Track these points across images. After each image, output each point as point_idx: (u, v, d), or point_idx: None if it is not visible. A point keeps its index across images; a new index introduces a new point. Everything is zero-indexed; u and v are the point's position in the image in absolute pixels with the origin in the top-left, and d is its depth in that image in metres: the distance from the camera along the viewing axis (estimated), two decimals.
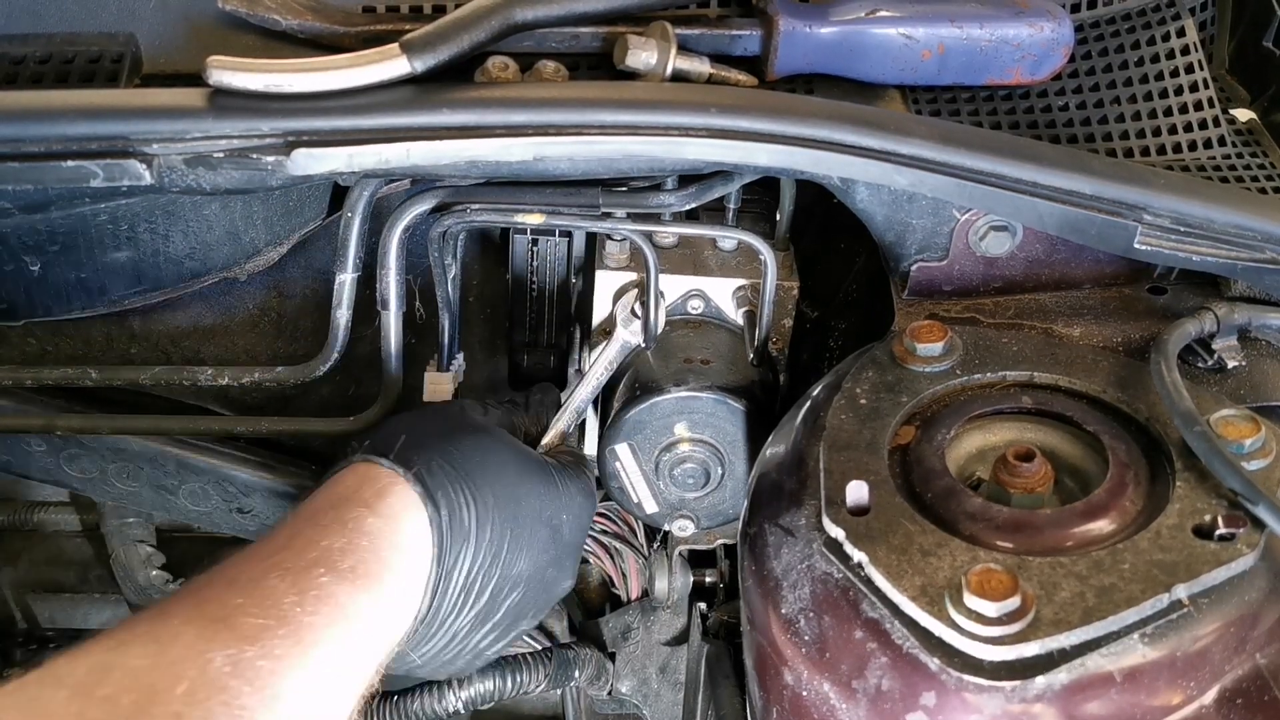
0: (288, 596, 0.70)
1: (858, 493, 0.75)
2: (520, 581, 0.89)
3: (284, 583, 0.71)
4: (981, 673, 0.65)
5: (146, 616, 0.68)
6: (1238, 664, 0.68)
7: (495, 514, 0.87)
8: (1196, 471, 0.75)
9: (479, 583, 0.86)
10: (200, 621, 0.67)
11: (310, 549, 0.75)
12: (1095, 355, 0.88)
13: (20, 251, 0.97)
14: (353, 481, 0.83)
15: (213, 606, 0.68)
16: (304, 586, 0.71)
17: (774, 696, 0.78)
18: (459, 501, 0.84)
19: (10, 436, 1.15)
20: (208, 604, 0.69)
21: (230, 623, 0.67)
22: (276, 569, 0.72)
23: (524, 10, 0.88)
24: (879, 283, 1.07)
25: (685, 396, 1.02)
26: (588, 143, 0.83)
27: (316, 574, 0.72)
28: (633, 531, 1.40)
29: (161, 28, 0.95)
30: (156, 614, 0.68)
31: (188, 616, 0.67)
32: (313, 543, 0.75)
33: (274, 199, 1.00)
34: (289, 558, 0.73)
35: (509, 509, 0.88)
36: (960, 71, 0.99)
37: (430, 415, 0.96)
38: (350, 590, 0.73)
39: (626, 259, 1.09)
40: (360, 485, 0.82)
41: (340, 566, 0.74)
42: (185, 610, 0.68)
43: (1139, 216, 0.85)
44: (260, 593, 0.70)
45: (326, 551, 0.75)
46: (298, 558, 0.74)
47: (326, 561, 0.74)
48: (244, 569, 0.73)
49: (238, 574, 0.72)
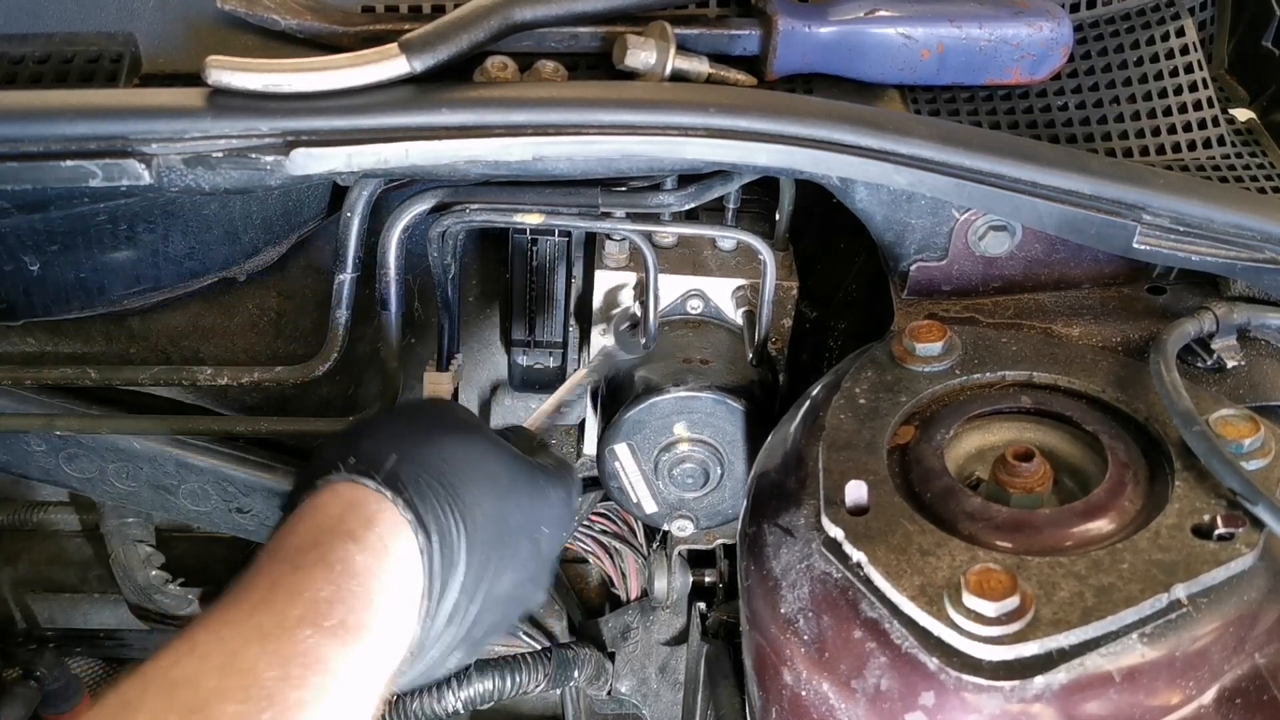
0: (270, 670, 0.63)
1: (857, 492, 0.75)
2: (501, 601, 0.85)
3: (265, 652, 0.64)
4: (980, 672, 0.65)
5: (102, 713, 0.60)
6: (1237, 664, 0.68)
7: (483, 533, 0.81)
8: (1195, 471, 0.75)
9: (464, 608, 0.81)
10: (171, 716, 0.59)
11: (293, 604, 0.67)
12: (1094, 355, 0.88)
13: (20, 251, 0.97)
14: (336, 509, 0.75)
15: (185, 693, 0.61)
16: (288, 655, 0.64)
17: (773, 696, 0.78)
18: (449, 524, 0.78)
19: (10, 436, 1.14)
20: (179, 689, 0.61)
21: (206, 713, 0.60)
22: (256, 636, 0.65)
23: (523, 10, 0.88)
24: (878, 283, 1.07)
25: (685, 396, 1.02)
26: (587, 142, 0.83)
27: (302, 636, 0.65)
28: (632, 531, 1.40)
29: (160, 27, 0.95)
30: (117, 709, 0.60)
31: (154, 712, 0.59)
32: (296, 595, 0.68)
33: (273, 199, 1.00)
34: (269, 619, 0.66)
35: (496, 526, 0.83)
36: (959, 71, 0.99)
37: (414, 419, 0.89)
38: (338, 649, 0.66)
39: (626, 259, 1.09)
40: (345, 513, 0.75)
41: (326, 623, 0.67)
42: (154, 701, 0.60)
43: (1138, 216, 0.85)
44: (239, 669, 0.62)
45: (311, 605, 0.67)
46: (279, 618, 0.66)
47: (311, 618, 0.67)
48: (218, 635, 0.65)
49: (212, 644, 0.64)
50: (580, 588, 1.49)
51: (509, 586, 0.84)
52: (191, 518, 1.24)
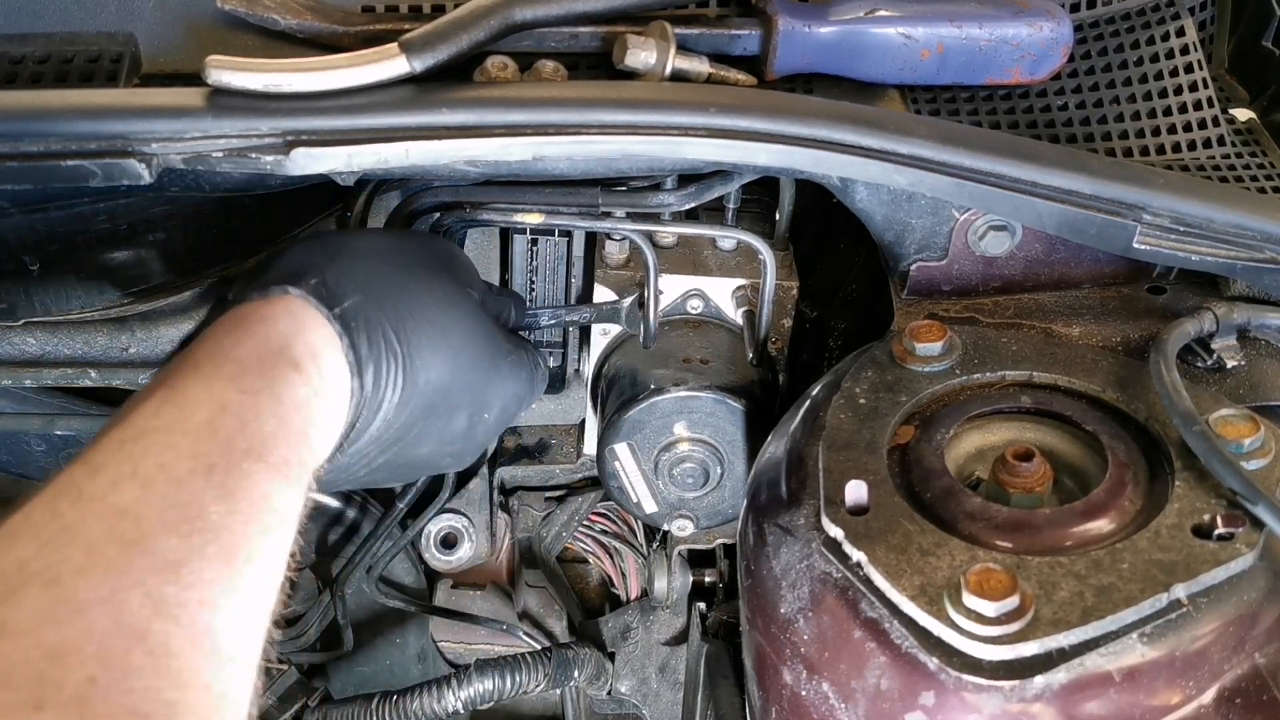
0: (215, 505, 0.59)
1: (857, 492, 0.75)
2: (409, 464, 0.84)
3: (211, 485, 0.60)
4: (980, 672, 0.65)
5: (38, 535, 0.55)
6: (1237, 664, 0.68)
7: (419, 399, 0.78)
8: (1195, 471, 0.75)
9: (372, 457, 0.79)
10: (112, 548, 0.55)
11: (240, 435, 0.63)
12: (1094, 355, 0.88)
13: (20, 251, 0.97)
14: (285, 326, 0.72)
15: (127, 525, 0.56)
16: (231, 487, 0.60)
17: (773, 696, 0.78)
18: (387, 376, 0.76)
19: (10, 436, 1.15)
20: (120, 520, 0.56)
21: (148, 546, 0.55)
22: (203, 467, 0.60)
23: (523, 10, 0.88)
24: (878, 282, 1.07)
25: (684, 396, 1.02)
26: (587, 142, 0.83)
27: (246, 468, 0.62)
28: (632, 531, 1.40)
29: (160, 27, 0.95)
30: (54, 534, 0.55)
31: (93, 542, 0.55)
32: (244, 426, 0.64)
33: (273, 199, 1.00)
34: (215, 449, 0.62)
35: (435, 396, 0.80)
36: (959, 71, 0.99)
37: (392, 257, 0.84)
38: (281, 485, 0.64)
39: (626, 259, 1.09)
40: (293, 336, 0.71)
41: (270, 459, 0.64)
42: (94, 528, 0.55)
43: (1138, 216, 0.85)
44: (183, 501, 0.58)
45: (258, 438, 0.64)
46: (226, 448, 0.62)
47: (258, 452, 0.63)
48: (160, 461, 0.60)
49: (154, 471, 0.59)
50: (580, 588, 1.49)
51: (425, 454, 0.83)
52: None
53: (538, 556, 1.42)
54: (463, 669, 1.26)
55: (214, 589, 0.56)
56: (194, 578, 0.55)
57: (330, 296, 0.74)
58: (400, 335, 0.77)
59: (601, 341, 1.13)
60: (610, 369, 1.11)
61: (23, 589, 0.52)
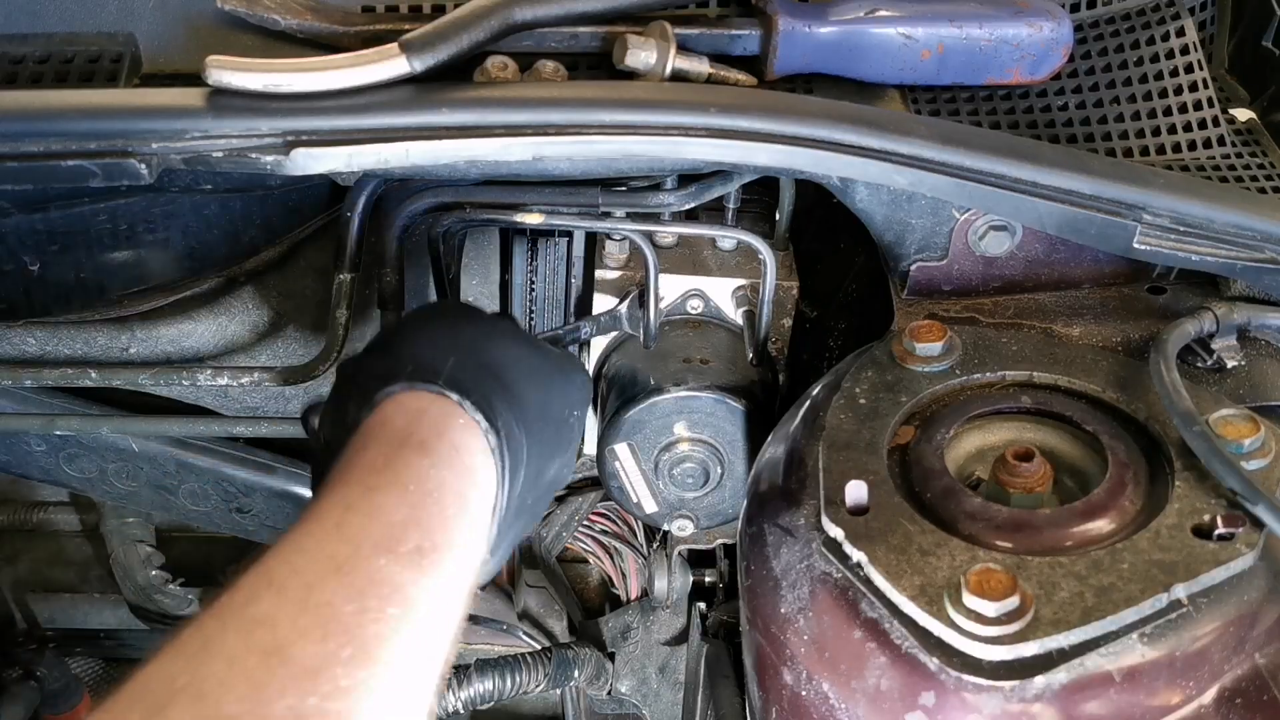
0: (347, 605, 0.59)
1: (857, 492, 0.75)
2: (549, 486, 0.85)
3: (342, 585, 0.60)
4: (980, 672, 0.65)
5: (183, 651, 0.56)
6: (1237, 664, 0.68)
7: (536, 425, 0.79)
8: (1196, 471, 0.75)
9: (527, 500, 0.79)
10: (251, 658, 0.55)
11: (367, 530, 0.63)
12: (1094, 355, 0.88)
13: (20, 251, 0.97)
14: (402, 420, 0.71)
15: (263, 633, 0.57)
16: (363, 586, 0.60)
17: (773, 696, 0.78)
18: (510, 420, 0.75)
19: (10, 436, 1.15)
20: (257, 629, 0.57)
21: (285, 655, 0.56)
22: (331, 568, 0.61)
23: (523, 10, 0.88)
24: (879, 282, 1.07)
25: (684, 396, 1.02)
26: (587, 142, 0.83)
27: (377, 565, 0.62)
28: (632, 531, 1.40)
29: (161, 27, 0.95)
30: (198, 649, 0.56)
31: (233, 654, 0.55)
32: (370, 521, 0.64)
33: (273, 199, 1.00)
34: (343, 549, 0.62)
35: (543, 416, 0.80)
36: (959, 71, 0.99)
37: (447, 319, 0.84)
38: (415, 576, 0.62)
39: (626, 259, 1.09)
40: (412, 424, 0.70)
41: (402, 549, 0.63)
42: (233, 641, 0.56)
43: (1138, 216, 0.85)
44: (316, 605, 0.58)
45: (386, 531, 0.64)
46: (353, 546, 0.62)
47: (387, 545, 0.63)
48: (292, 567, 0.61)
49: (287, 577, 0.60)
50: (580, 588, 1.49)
51: (555, 471, 0.85)
52: (191, 518, 1.24)
53: (538, 556, 1.42)
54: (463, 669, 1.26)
55: (351, 697, 0.56)
56: (331, 687, 0.55)
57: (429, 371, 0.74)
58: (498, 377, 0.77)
59: (601, 341, 1.13)
60: (610, 369, 1.11)
61: (171, 704, 0.53)
